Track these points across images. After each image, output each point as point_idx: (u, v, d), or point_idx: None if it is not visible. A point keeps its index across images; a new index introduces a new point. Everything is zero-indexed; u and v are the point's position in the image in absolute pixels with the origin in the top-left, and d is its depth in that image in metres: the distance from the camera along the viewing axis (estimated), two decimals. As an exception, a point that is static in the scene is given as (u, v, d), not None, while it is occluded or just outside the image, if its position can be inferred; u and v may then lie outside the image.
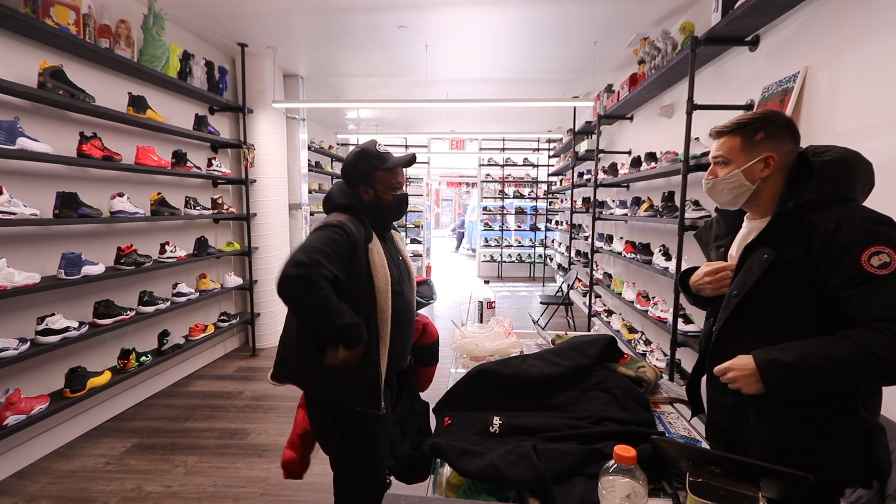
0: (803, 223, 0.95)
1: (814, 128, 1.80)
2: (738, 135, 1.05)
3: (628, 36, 3.54)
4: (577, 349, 1.35)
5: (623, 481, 0.76)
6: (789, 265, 0.96)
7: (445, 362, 1.73)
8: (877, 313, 0.87)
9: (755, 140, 1.03)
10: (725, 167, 1.07)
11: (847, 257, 0.89)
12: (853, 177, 0.98)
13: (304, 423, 1.62)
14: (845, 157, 0.99)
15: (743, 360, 0.97)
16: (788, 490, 0.80)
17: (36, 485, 2.16)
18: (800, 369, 0.90)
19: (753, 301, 1.00)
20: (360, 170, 1.42)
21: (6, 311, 2.18)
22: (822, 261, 0.92)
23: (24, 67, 2.22)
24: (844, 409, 0.94)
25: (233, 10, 3.13)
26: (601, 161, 4.32)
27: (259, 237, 4.13)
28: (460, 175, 13.56)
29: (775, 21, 2.06)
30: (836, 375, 0.89)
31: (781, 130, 1.02)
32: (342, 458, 1.40)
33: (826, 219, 0.93)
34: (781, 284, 0.97)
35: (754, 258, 1.01)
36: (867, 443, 0.94)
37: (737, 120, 1.06)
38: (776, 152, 1.02)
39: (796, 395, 0.96)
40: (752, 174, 1.03)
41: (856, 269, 0.88)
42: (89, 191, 2.61)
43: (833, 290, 0.92)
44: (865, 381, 0.91)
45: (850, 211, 0.93)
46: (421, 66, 4.27)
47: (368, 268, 1.33)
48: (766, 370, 0.93)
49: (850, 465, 0.94)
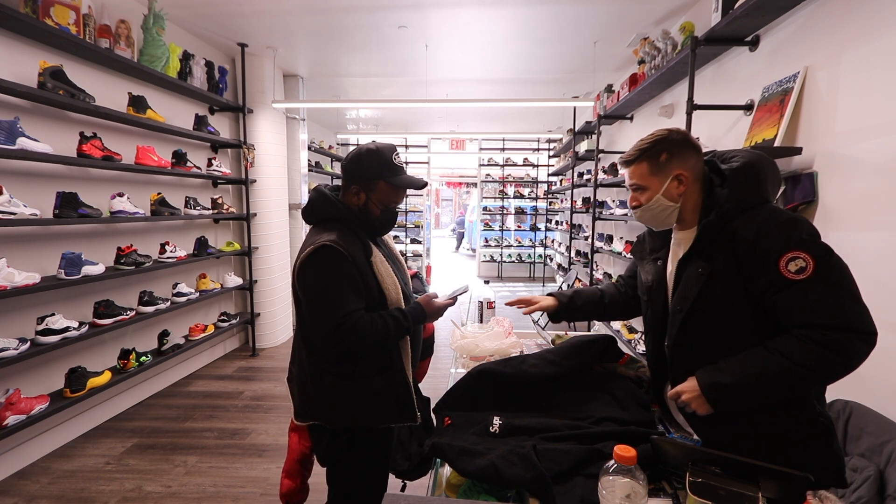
0: (727, 231, 0.98)
1: (814, 128, 1.80)
2: (644, 160, 1.07)
3: (628, 36, 3.54)
4: (577, 349, 1.34)
5: (623, 481, 0.76)
6: (722, 276, 0.98)
7: (445, 362, 1.73)
8: (796, 320, 0.90)
9: (660, 162, 1.05)
10: (644, 192, 1.09)
11: (766, 263, 0.91)
12: (763, 179, 1.01)
13: (299, 447, 1.57)
14: (751, 160, 1.02)
15: (690, 384, 1.00)
16: (788, 490, 0.80)
17: (36, 485, 2.16)
18: (739, 389, 0.94)
19: (697, 315, 1.02)
20: (363, 170, 1.29)
21: (6, 311, 2.18)
22: (748, 267, 0.94)
23: (24, 67, 2.22)
24: (801, 408, 0.97)
25: (233, 10, 3.13)
26: (601, 161, 4.31)
27: (259, 237, 4.13)
28: (460, 175, 13.57)
29: (775, 21, 2.06)
30: (773, 389, 0.93)
31: (681, 147, 1.05)
32: (350, 476, 1.34)
33: (746, 226, 0.95)
34: (719, 295, 0.99)
35: (690, 273, 1.03)
36: (828, 438, 0.96)
37: (638, 147, 1.08)
38: (683, 168, 1.04)
39: (742, 409, 0.98)
40: (671, 194, 1.06)
41: (775, 276, 0.90)
42: (89, 191, 2.61)
43: (759, 295, 0.95)
44: (799, 389, 0.94)
45: (767, 215, 0.95)
46: (421, 66, 4.27)
47: (377, 281, 1.27)
48: (709, 392, 0.96)
49: (816, 464, 0.94)
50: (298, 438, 1.60)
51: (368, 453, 1.34)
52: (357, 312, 1.20)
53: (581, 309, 1.40)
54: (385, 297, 1.29)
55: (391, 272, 1.32)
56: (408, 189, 1.36)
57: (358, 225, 1.31)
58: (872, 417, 1.37)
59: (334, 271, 1.20)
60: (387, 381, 1.29)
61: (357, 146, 1.34)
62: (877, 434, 1.32)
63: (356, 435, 1.31)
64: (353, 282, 1.22)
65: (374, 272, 1.27)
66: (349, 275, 1.21)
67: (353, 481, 1.34)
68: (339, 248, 1.20)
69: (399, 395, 1.30)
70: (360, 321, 1.19)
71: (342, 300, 1.19)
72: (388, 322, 1.23)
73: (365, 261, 1.26)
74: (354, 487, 1.35)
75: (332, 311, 1.18)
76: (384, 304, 1.29)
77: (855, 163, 1.60)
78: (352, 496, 1.36)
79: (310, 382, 1.29)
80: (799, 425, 0.97)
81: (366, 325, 1.20)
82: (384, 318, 1.24)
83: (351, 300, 1.21)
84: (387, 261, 1.34)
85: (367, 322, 1.20)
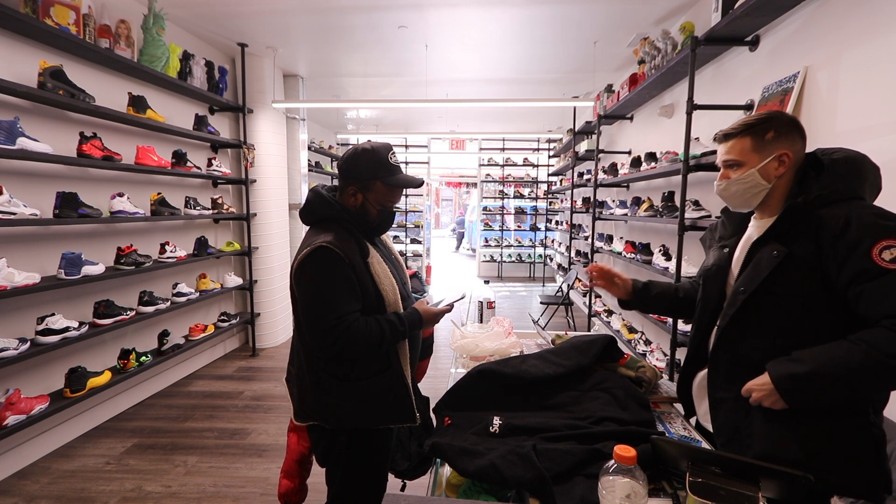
0: (812, 219, 0.94)
1: (814, 128, 1.80)
2: (748, 135, 1.04)
3: (628, 36, 3.54)
4: (577, 349, 1.34)
5: (623, 481, 0.76)
6: (799, 261, 0.94)
7: (445, 362, 1.73)
8: (889, 310, 0.85)
9: (766, 139, 1.02)
10: (738, 169, 1.05)
11: (857, 252, 0.87)
12: (862, 176, 0.98)
13: (298, 447, 1.56)
14: (855, 157, 0.99)
15: (761, 379, 0.96)
16: (788, 490, 0.80)
17: (36, 485, 2.16)
18: (816, 380, 0.88)
19: (761, 298, 0.99)
20: (360, 169, 1.28)
21: (6, 311, 2.18)
22: (832, 256, 0.90)
23: (24, 67, 2.22)
24: (854, 413, 0.92)
25: (233, 10, 3.13)
26: (601, 161, 4.32)
27: (259, 237, 4.13)
28: (460, 175, 13.57)
29: (775, 21, 2.06)
30: (854, 382, 0.86)
31: (790, 128, 1.02)
32: (348, 477, 1.33)
33: (835, 214, 0.91)
34: (790, 281, 0.95)
35: (763, 254, 0.99)
36: (874, 450, 0.91)
37: (744, 121, 1.04)
38: (790, 149, 1.01)
39: (817, 404, 0.93)
40: (768, 173, 1.02)
41: (866, 264, 0.86)
42: (89, 191, 2.61)
43: (843, 286, 0.90)
44: (884, 383, 0.88)
45: (859, 207, 0.91)
46: (421, 66, 4.27)
47: (374, 282, 1.26)
48: (782, 385, 0.91)
49: (851, 474, 0.91)
50: (297, 439, 1.59)
51: (367, 453, 1.33)
52: (352, 315, 1.20)
53: (654, 299, 1.33)
54: (382, 299, 1.28)
55: (389, 273, 1.31)
56: (405, 188, 1.36)
57: (355, 225, 1.30)
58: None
59: (330, 272, 1.19)
60: (385, 381, 1.28)
61: (353, 146, 1.33)
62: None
63: (355, 435, 1.31)
64: (349, 283, 1.21)
65: (371, 273, 1.27)
66: (345, 276, 1.21)
67: (352, 481, 1.34)
68: (336, 249, 1.19)
69: (398, 396, 1.30)
70: (355, 324, 1.19)
71: (337, 302, 1.19)
72: (384, 326, 1.23)
73: (362, 262, 1.25)
74: (353, 488, 1.35)
75: (326, 312, 1.17)
76: (381, 306, 1.28)
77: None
78: (351, 496, 1.35)
79: (308, 383, 1.29)
80: (847, 433, 0.92)
81: (360, 329, 1.19)
82: (379, 323, 1.23)
83: (346, 302, 1.20)
84: (385, 261, 1.33)
85: (361, 325, 1.20)
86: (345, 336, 1.17)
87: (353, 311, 1.21)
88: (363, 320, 1.21)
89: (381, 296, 1.28)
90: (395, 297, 1.31)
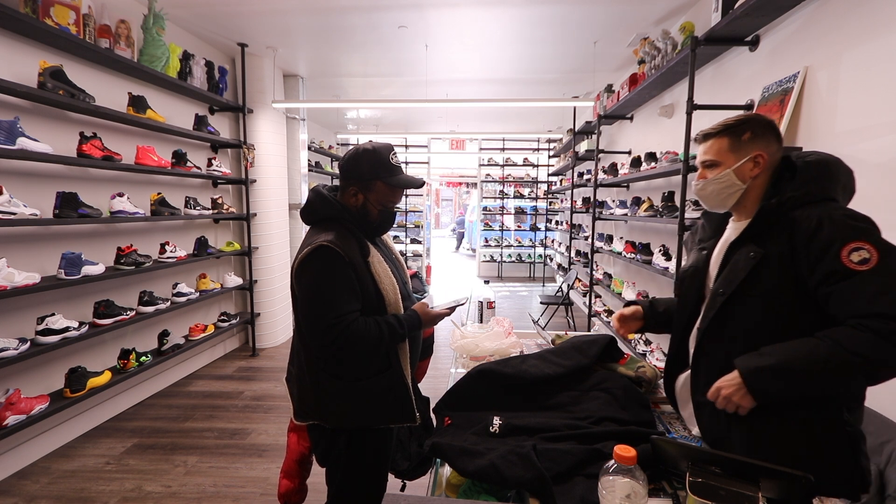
0: (786, 220, 0.96)
1: (814, 128, 1.80)
2: (726, 136, 1.06)
3: (628, 36, 3.54)
4: (577, 349, 1.35)
5: (623, 481, 0.76)
6: (775, 262, 0.96)
7: (445, 362, 1.73)
8: (855, 310, 0.87)
9: (742, 140, 1.04)
10: (714, 169, 1.07)
11: (828, 253, 0.89)
12: (835, 179, 1.00)
13: (298, 447, 1.56)
14: (828, 160, 1.01)
15: (728, 376, 0.97)
16: (788, 490, 0.80)
17: (36, 485, 2.16)
18: (783, 373, 0.90)
19: (739, 299, 1.00)
20: (360, 170, 1.28)
21: (6, 311, 2.18)
22: (804, 257, 0.92)
23: (24, 67, 2.22)
24: (826, 413, 0.94)
25: (233, 10, 3.13)
26: (601, 161, 4.32)
27: (259, 237, 4.13)
28: (460, 175, 13.58)
29: (775, 21, 2.06)
30: (819, 376, 0.88)
31: (766, 130, 1.04)
32: (348, 477, 1.33)
33: (808, 216, 0.93)
34: (767, 282, 0.97)
35: (740, 256, 1.01)
36: (850, 450, 0.93)
37: (723, 122, 1.07)
38: (765, 151, 1.03)
39: (782, 399, 0.94)
40: (743, 174, 1.05)
41: (836, 266, 0.88)
42: (89, 191, 2.61)
43: (814, 286, 0.92)
44: (848, 380, 0.90)
45: (831, 209, 0.93)
46: (421, 66, 4.27)
47: (374, 282, 1.27)
48: (750, 378, 0.93)
49: (831, 473, 0.92)
50: (297, 439, 1.59)
51: (367, 453, 1.33)
52: (352, 314, 1.20)
53: (663, 314, 1.31)
54: (383, 298, 1.28)
55: (389, 272, 1.31)
56: (406, 189, 1.36)
57: (356, 225, 1.31)
58: (872, 417, 1.37)
59: (330, 272, 1.20)
60: (385, 381, 1.29)
61: (354, 146, 1.33)
62: (877, 434, 1.32)
63: (355, 435, 1.31)
64: (348, 283, 1.21)
65: (371, 273, 1.27)
66: (345, 275, 1.21)
67: (352, 481, 1.34)
68: (336, 249, 1.19)
69: (398, 396, 1.30)
70: (355, 324, 1.19)
71: (337, 301, 1.19)
72: (383, 328, 1.23)
73: (362, 261, 1.25)
74: (353, 488, 1.34)
75: (326, 311, 1.18)
76: (382, 305, 1.28)
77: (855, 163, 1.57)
78: (351, 496, 1.35)
79: (308, 382, 1.29)
80: (818, 431, 0.93)
81: (360, 329, 1.19)
82: (379, 324, 1.23)
83: (346, 301, 1.20)
84: (385, 261, 1.33)
85: (361, 325, 1.20)
86: (344, 335, 1.17)
87: (353, 310, 1.21)
88: (363, 321, 1.22)
89: (382, 295, 1.28)
90: (396, 296, 1.31)
